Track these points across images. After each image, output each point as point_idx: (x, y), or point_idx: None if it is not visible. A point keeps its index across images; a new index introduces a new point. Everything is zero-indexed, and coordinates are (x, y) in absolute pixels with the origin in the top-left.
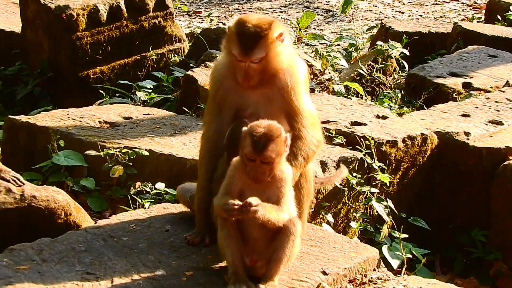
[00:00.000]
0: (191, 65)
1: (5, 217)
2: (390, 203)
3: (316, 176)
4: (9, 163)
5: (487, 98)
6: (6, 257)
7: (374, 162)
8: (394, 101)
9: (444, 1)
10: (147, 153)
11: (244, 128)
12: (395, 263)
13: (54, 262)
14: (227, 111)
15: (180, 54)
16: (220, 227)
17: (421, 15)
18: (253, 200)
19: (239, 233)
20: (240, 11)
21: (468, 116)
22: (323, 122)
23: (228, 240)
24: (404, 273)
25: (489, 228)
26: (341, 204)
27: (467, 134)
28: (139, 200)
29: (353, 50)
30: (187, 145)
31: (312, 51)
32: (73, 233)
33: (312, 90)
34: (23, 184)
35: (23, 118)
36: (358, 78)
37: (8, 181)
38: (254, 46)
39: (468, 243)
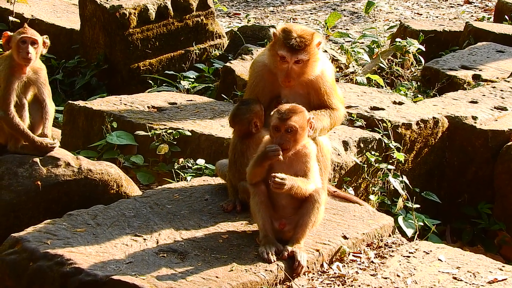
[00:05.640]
0: (229, 58)
1: (65, 188)
2: (405, 178)
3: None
4: (68, 143)
5: (493, 87)
6: (65, 221)
7: (391, 142)
8: (410, 90)
9: (458, 4)
10: (189, 133)
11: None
12: (409, 232)
13: (107, 225)
14: (263, 101)
15: (219, 49)
16: (252, 195)
17: (437, 17)
18: (280, 174)
19: (269, 200)
20: (275, 13)
21: (475, 102)
22: (346, 107)
23: (260, 207)
24: (416, 239)
25: (493, 201)
26: (361, 179)
27: (474, 118)
28: (182, 174)
29: (375, 46)
30: (224, 127)
31: (338, 48)
32: (124, 201)
33: (337, 80)
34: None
35: (81, 103)
36: (379, 71)
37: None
38: (300, 49)
39: (475, 215)
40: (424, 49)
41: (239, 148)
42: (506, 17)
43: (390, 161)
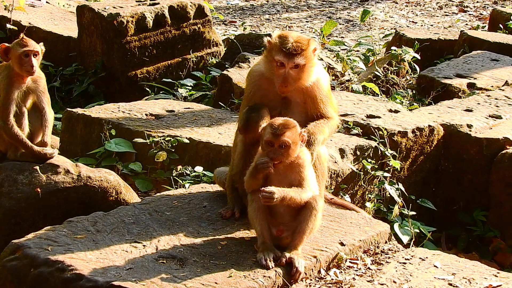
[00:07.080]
0: (226, 66)
1: (64, 194)
2: (400, 186)
3: (335, 162)
4: (67, 150)
5: (488, 96)
6: (65, 228)
7: (387, 150)
8: (406, 98)
9: (453, 13)
10: (187, 141)
11: (264, 125)
12: (405, 239)
13: (106, 232)
14: None
15: (216, 57)
16: (250, 201)
17: (432, 25)
18: (269, 188)
19: (267, 207)
20: (271, 21)
21: (470, 111)
22: (342, 115)
23: (257, 213)
24: (412, 246)
25: (488, 209)
26: (358, 186)
27: (469, 126)
28: (180, 181)
29: (371, 54)
30: (222, 134)
31: (334, 56)
32: (123, 208)
33: (333, 88)
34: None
35: (79, 110)
36: (375, 79)
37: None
38: (297, 53)
39: (470, 222)
40: (419, 58)
41: (249, 156)
42: (500, 25)
43: (386, 169)
